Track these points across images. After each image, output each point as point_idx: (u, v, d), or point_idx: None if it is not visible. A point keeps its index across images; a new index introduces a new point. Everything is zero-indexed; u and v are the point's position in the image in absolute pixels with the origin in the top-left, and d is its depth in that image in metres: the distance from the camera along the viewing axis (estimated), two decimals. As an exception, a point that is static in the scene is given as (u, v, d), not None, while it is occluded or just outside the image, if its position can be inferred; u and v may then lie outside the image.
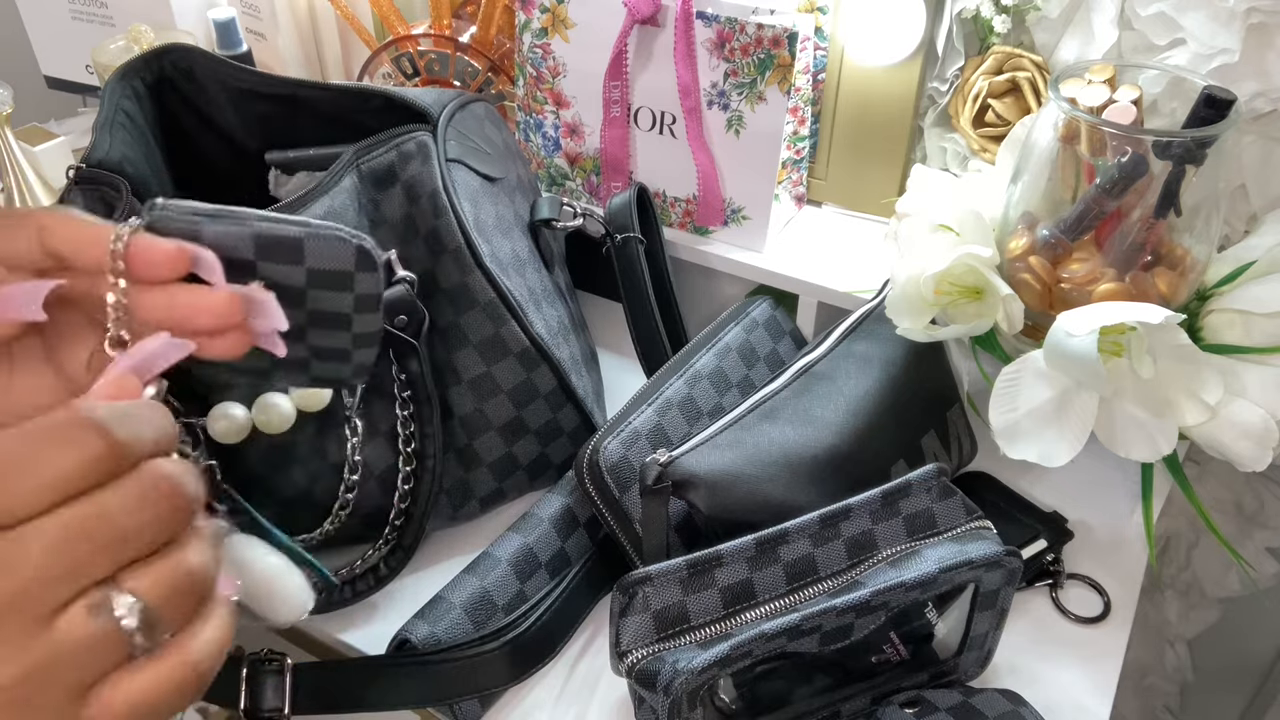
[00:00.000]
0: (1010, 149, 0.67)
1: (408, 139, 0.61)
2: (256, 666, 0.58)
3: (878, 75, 0.76)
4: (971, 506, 0.53)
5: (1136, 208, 0.57)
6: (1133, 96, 0.57)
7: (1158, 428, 0.56)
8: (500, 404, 0.63)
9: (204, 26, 0.94)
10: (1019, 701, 0.52)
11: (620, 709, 0.57)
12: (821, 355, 0.63)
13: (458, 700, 0.56)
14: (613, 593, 0.50)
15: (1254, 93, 0.65)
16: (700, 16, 0.72)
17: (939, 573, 0.48)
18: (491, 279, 0.61)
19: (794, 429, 0.59)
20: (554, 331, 0.65)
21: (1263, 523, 0.90)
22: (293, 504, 0.61)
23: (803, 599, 0.50)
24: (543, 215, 0.70)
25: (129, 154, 0.63)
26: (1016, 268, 0.62)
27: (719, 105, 0.74)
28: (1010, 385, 0.57)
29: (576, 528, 0.63)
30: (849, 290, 0.74)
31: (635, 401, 0.62)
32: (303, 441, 0.59)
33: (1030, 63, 0.72)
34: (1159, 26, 0.66)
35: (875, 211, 0.81)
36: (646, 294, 0.73)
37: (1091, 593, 0.62)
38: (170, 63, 0.66)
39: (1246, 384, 0.57)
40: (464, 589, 0.58)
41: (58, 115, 1.01)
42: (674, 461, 0.56)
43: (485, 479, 0.66)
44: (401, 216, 0.61)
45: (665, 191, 0.80)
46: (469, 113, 0.68)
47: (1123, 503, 0.68)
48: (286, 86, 0.67)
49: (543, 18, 0.77)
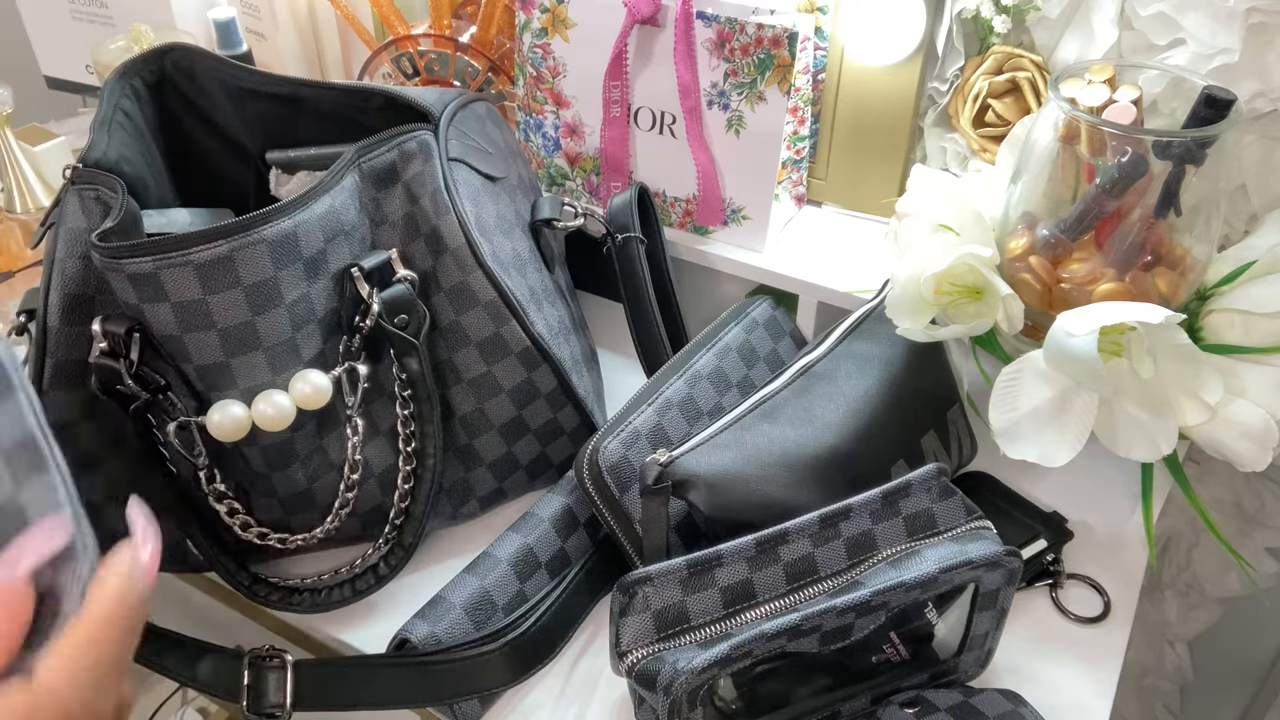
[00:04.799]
0: (1010, 149, 0.67)
1: (409, 138, 0.61)
2: (258, 663, 0.59)
3: (878, 75, 0.76)
4: (971, 506, 0.53)
5: (1136, 208, 0.57)
6: (1133, 96, 0.57)
7: (1158, 428, 0.56)
8: (501, 403, 0.63)
9: (204, 26, 0.94)
10: (1019, 701, 0.52)
11: (620, 709, 0.57)
12: (821, 355, 0.63)
13: (458, 700, 0.56)
14: (613, 593, 0.50)
15: (1254, 93, 0.65)
16: (700, 16, 0.72)
17: (939, 573, 0.48)
18: (493, 278, 0.61)
19: (794, 429, 0.59)
20: (554, 331, 0.65)
21: (1263, 523, 0.90)
22: (293, 503, 0.61)
23: (803, 599, 0.50)
24: (544, 215, 0.70)
25: (126, 153, 0.63)
26: (1016, 268, 0.62)
27: (719, 105, 0.74)
28: (1010, 385, 0.57)
29: (576, 528, 0.63)
30: (849, 290, 0.74)
31: (635, 401, 0.62)
32: (302, 440, 0.59)
33: (1030, 63, 0.72)
34: (1159, 26, 0.66)
35: (875, 211, 0.81)
36: (647, 294, 0.73)
37: (1091, 593, 0.62)
38: (171, 62, 0.66)
39: (1246, 384, 0.57)
40: (464, 589, 0.58)
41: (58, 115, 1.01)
42: (674, 461, 0.56)
43: (485, 478, 0.66)
44: (403, 215, 0.61)
45: (665, 191, 0.80)
46: (470, 112, 0.68)
47: (1123, 503, 0.68)
48: (287, 86, 0.67)
49: (543, 18, 0.77)
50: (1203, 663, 1.03)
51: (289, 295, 0.55)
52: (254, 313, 0.54)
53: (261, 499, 0.61)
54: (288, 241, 0.54)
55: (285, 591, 0.62)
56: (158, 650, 0.61)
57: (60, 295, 0.57)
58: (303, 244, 0.55)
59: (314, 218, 0.56)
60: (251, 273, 0.53)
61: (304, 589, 0.62)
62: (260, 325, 0.54)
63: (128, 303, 0.53)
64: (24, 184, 0.83)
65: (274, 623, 0.67)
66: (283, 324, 0.55)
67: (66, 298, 0.57)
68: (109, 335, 0.55)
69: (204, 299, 0.53)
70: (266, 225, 0.53)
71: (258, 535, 0.61)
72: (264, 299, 0.54)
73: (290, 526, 0.62)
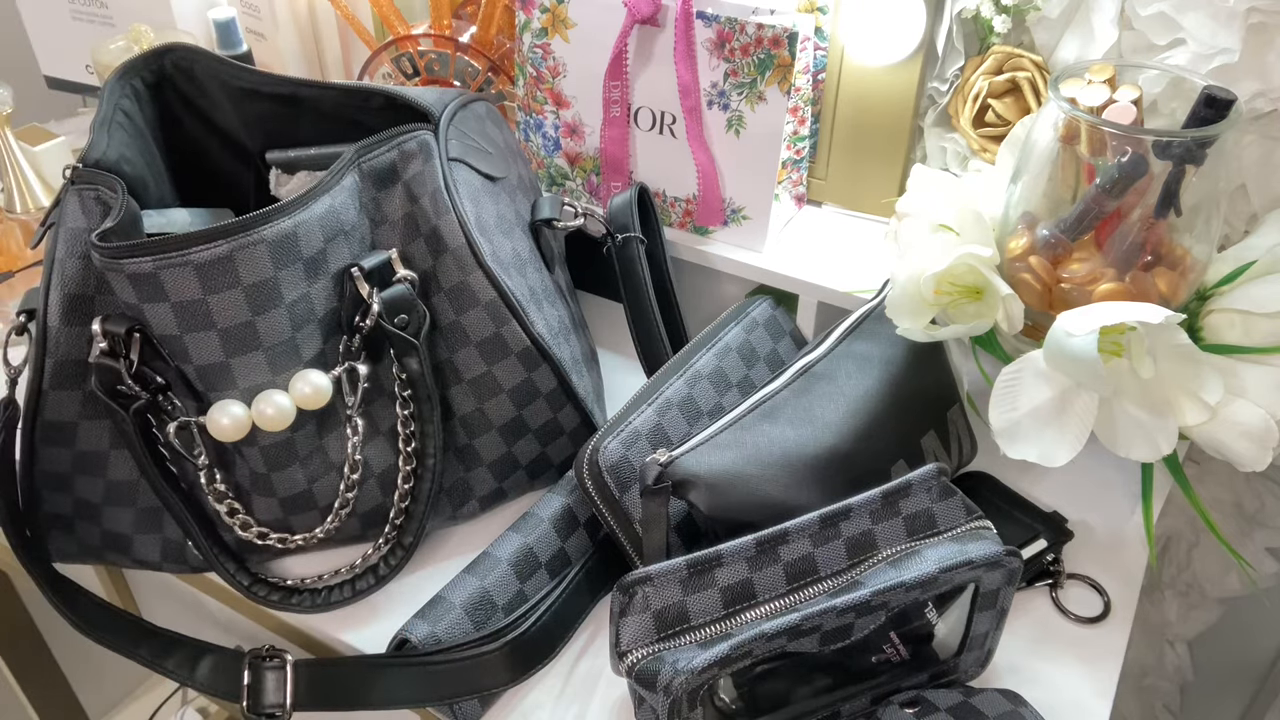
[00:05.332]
0: (1010, 149, 0.67)
1: (409, 138, 0.61)
2: (258, 663, 0.59)
3: (878, 75, 0.76)
4: (971, 506, 0.53)
5: (1136, 208, 0.57)
6: (1133, 96, 0.57)
7: (1158, 428, 0.56)
8: (500, 403, 0.63)
9: (204, 26, 0.94)
10: (1019, 701, 0.52)
11: (620, 709, 0.57)
12: (821, 355, 0.63)
13: (458, 700, 0.56)
14: (613, 593, 0.50)
15: (1254, 93, 0.65)
16: (700, 16, 0.72)
17: (939, 573, 0.48)
18: (492, 278, 0.61)
19: (794, 429, 0.59)
20: (554, 331, 0.65)
21: (1263, 523, 0.90)
22: (293, 503, 0.61)
23: (803, 599, 0.50)
24: (544, 215, 0.70)
25: (127, 153, 0.63)
26: (1016, 268, 0.62)
27: (719, 105, 0.74)
28: (1010, 385, 0.57)
29: (576, 528, 0.63)
30: (849, 290, 0.74)
31: (635, 401, 0.62)
32: (302, 440, 0.59)
33: (1030, 63, 0.72)
34: (1159, 26, 0.66)
35: (875, 211, 0.81)
36: (647, 294, 0.73)
37: (1091, 593, 0.62)
38: (171, 62, 0.66)
39: (1246, 384, 0.57)
40: (464, 589, 0.58)
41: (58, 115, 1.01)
42: (674, 461, 0.56)
43: (485, 478, 0.66)
44: (403, 215, 0.61)
45: (665, 191, 0.80)
46: (470, 112, 0.68)
47: (1123, 503, 0.68)
48: (287, 86, 0.67)
49: (543, 18, 0.77)
50: (1203, 663, 1.03)
51: (289, 295, 0.55)
52: (254, 313, 0.54)
53: (261, 499, 0.61)
54: (288, 241, 0.54)
55: (285, 592, 0.62)
56: (158, 651, 0.61)
57: (60, 295, 0.57)
58: (303, 244, 0.55)
59: (314, 218, 0.56)
60: (251, 273, 0.53)
61: (303, 589, 0.62)
62: (260, 325, 0.54)
63: (128, 303, 0.53)
64: (24, 184, 0.83)
65: (274, 623, 0.67)
66: (283, 324, 0.55)
67: (66, 298, 0.57)
68: (109, 335, 0.55)
69: (204, 299, 0.53)
70: (266, 225, 0.53)
71: (258, 535, 0.61)
72: (264, 299, 0.54)
73: (290, 527, 0.62)
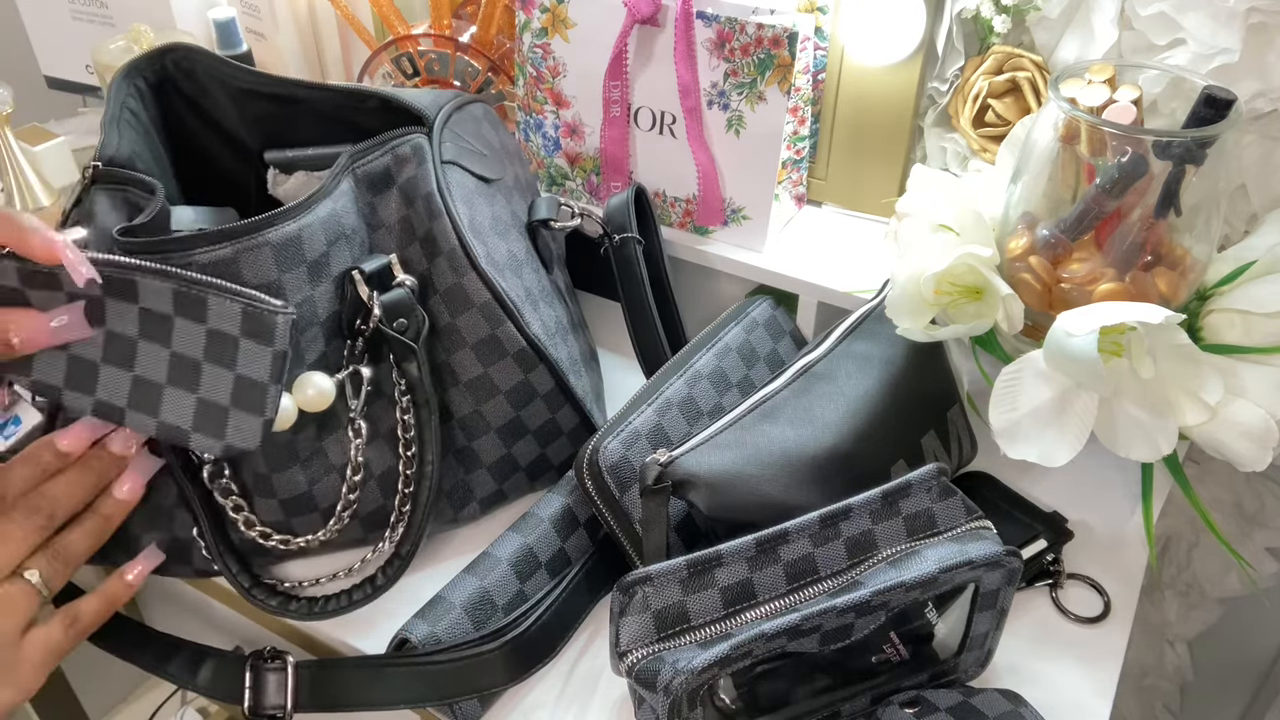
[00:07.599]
0: (1010, 149, 0.67)
1: (402, 142, 0.61)
2: (259, 665, 0.59)
3: (878, 75, 0.76)
4: (971, 506, 0.53)
5: (1136, 208, 0.57)
6: (1133, 96, 0.57)
7: (1158, 428, 0.56)
8: (498, 405, 0.63)
9: (204, 26, 0.94)
10: (1019, 701, 0.52)
11: (620, 709, 0.57)
12: (821, 355, 0.63)
13: (458, 700, 0.56)
14: (613, 593, 0.50)
15: (1254, 93, 0.65)
16: (700, 16, 0.72)
17: (939, 573, 0.48)
18: (486, 280, 0.61)
19: (794, 429, 0.59)
20: (551, 332, 0.65)
21: (1263, 523, 0.90)
22: (293, 505, 0.61)
23: (803, 599, 0.50)
24: (540, 216, 0.70)
25: (137, 150, 0.63)
26: (1016, 268, 0.62)
27: (719, 105, 0.74)
28: (1010, 385, 0.57)
29: (576, 528, 0.63)
30: (849, 290, 0.74)
31: (635, 401, 0.62)
32: (303, 442, 0.59)
33: (1030, 63, 0.72)
34: (1159, 26, 0.66)
35: (875, 211, 0.81)
36: (644, 294, 0.73)
37: (1091, 593, 0.62)
38: (172, 62, 0.66)
39: (1246, 384, 0.57)
40: (464, 589, 0.58)
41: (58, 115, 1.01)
42: (674, 461, 0.56)
43: (485, 481, 0.66)
44: (398, 219, 0.61)
45: (665, 191, 0.80)
46: (465, 114, 0.68)
47: (1123, 503, 0.68)
48: (285, 86, 0.67)
49: (543, 18, 0.77)
50: (1203, 663, 1.03)
51: (293, 298, 0.55)
52: (257, 314, 0.54)
53: (263, 500, 0.61)
54: (292, 245, 0.54)
55: (283, 597, 0.62)
56: (159, 657, 0.61)
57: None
58: (306, 247, 0.55)
59: (317, 221, 0.56)
60: (256, 275, 0.53)
61: (301, 596, 0.62)
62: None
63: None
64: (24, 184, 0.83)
65: (276, 624, 0.67)
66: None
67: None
68: None
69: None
70: (271, 228, 0.54)
71: (260, 535, 0.61)
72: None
73: (292, 529, 0.62)
